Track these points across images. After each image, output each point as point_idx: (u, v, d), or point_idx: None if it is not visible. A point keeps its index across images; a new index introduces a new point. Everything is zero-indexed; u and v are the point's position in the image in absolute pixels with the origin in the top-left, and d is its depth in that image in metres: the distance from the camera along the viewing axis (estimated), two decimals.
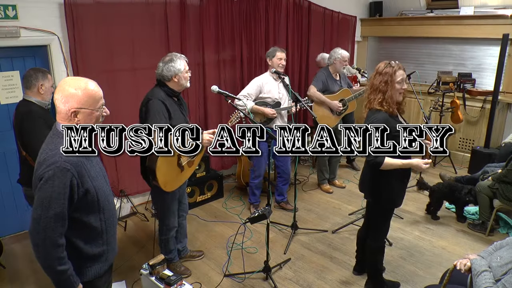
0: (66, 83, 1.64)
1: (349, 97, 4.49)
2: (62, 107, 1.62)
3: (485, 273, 1.90)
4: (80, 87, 1.62)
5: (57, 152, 1.58)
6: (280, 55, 3.84)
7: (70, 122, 1.64)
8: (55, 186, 1.53)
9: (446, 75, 5.59)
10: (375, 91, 2.50)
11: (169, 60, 2.70)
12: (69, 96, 1.61)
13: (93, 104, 1.67)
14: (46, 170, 1.54)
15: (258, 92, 3.83)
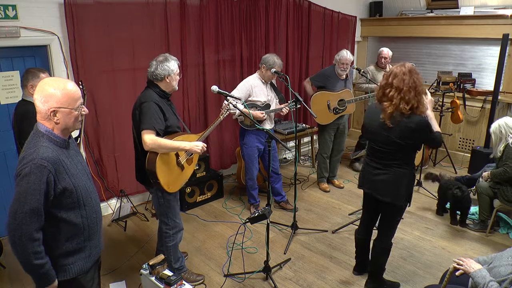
0: (45, 83, 1.67)
1: (349, 99, 4.49)
2: (42, 107, 1.66)
3: (492, 283, 1.89)
4: (59, 87, 1.66)
5: (35, 150, 1.61)
6: (278, 69, 3.76)
7: (49, 121, 1.67)
8: (30, 182, 1.56)
9: (446, 75, 5.59)
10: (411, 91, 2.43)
11: (163, 59, 2.69)
12: (48, 96, 1.64)
13: (72, 103, 1.68)
14: (24, 167, 1.58)
15: (247, 95, 3.81)
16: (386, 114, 2.48)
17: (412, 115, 2.44)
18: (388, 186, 2.63)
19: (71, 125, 1.71)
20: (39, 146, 1.62)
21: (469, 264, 2.02)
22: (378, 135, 2.58)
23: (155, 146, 2.55)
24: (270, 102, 3.94)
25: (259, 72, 3.90)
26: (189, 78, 4.39)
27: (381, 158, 2.63)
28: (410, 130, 2.43)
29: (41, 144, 1.63)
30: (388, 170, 2.61)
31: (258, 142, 3.95)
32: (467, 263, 2.03)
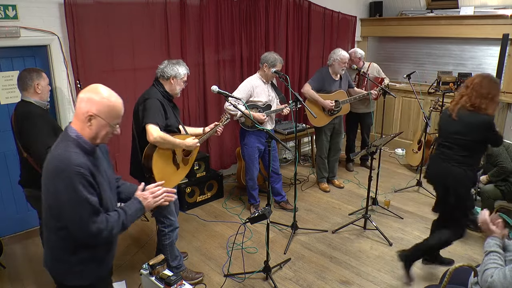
0: (98, 87, 1.67)
1: (343, 100, 4.49)
2: (83, 106, 1.62)
3: (492, 254, 1.91)
4: (108, 97, 1.65)
5: (68, 156, 1.56)
6: (279, 67, 3.78)
7: (82, 124, 1.63)
8: (78, 189, 1.54)
9: (446, 75, 5.59)
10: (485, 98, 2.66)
11: (176, 62, 2.82)
12: (94, 100, 1.62)
13: (111, 118, 1.66)
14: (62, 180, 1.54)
15: (248, 96, 3.81)
16: (454, 107, 2.74)
17: (477, 113, 2.65)
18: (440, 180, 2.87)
19: (100, 137, 1.68)
20: (71, 152, 1.58)
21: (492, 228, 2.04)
22: (443, 129, 2.87)
23: (160, 140, 2.62)
24: (271, 102, 3.94)
25: (260, 72, 3.90)
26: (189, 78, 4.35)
27: (443, 153, 2.84)
28: (473, 126, 2.64)
29: (71, 150, 1.58)
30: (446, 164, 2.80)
31: (258, 143, 3.95)
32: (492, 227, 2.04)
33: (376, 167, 4.30)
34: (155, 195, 1.85)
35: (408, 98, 6.02)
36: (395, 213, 4.11)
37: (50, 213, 1.65)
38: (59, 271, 1.74)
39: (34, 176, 2.64)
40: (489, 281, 1.82)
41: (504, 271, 1.80)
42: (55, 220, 1.64)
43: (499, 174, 3.60)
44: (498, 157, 3.59)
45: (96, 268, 1.76)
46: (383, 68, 5.44)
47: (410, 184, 4.86)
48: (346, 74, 4.63)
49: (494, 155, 3.62)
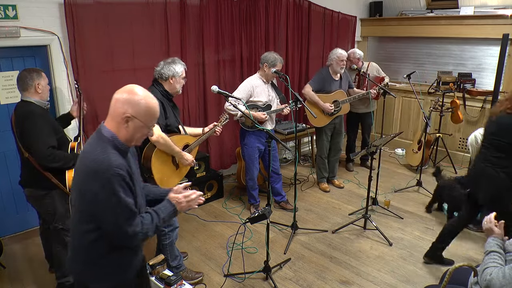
0: (134, 88, 1.64)
1: (342, 100, 4.50)
2: (119, 107, 1.60)
3: (493, 253, 1.92)
4: (147, 99, 1.62)
5: (106, 157, 1.54)
6: (279, 66, 3.78)
7: (118, 126, 1.61)
8: (117, 191, 1.53)
9: (446, 75, 5.59)
10: None
11: (171, 61, 2.82)
12: (132, 101, 1.59)
13: (148, 119, 1.64)
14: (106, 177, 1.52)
15: (248, 96, 3.81)
16: (497, 109, 2.77)
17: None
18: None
19: (135, 138, 1.66)
20: (109, 153, 1.56)
21: (494, 229, 2.06)
22: (485, 130, 2.90)
23: (161, 141, 2.65)
24: (271, 102, 3.94)
25: (260, 72, 3.89)
26: (189, 78, 4.36)
27: (481, 153, 2.90)
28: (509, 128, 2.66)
29: (109, 151, 1.56)
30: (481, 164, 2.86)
31: (258, 143, 3.95)
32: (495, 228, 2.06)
33: (376, 167, 4.30)
34: (189, 199, 1.81)
35: (408, 98, 6.02)
36: (395, 213, 4.12)
37: (80, 216, 1.64)
38: (84, 274, 1.72)
39: (35, 176, 2.64)
40: (487, 279, 1.83)
41: (503, 270, 1.81)
42: (85, 223, 1.62)
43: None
44: None
45: (123, 271, 1.74)
46: (383, 68, 5.44)
47: (410, 184, 4.86)
48: (346, 75, 4.64)
49: None
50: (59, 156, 2.60)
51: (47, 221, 2.84)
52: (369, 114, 5.14)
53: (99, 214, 1.57)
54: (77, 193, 1.61)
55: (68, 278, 2.85)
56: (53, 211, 2.72)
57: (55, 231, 2.77)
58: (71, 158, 2.70)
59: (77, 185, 1.60)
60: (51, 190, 2.68)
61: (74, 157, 2.74)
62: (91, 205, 1.56)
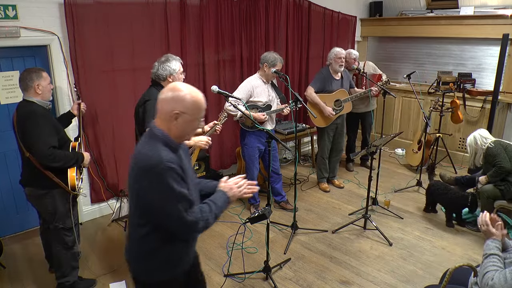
0: (176, 85, 1.68)
1: (344, 98, 4.50)
2: (167, 106, 1.63)
3: (492, 256, 1.92)
4: (191, 93, 1.66)
5: (157, 153, 1.59)
6: (279, 66, 3.78)
7: (168, 124, 1.65)
8: (171, 184, 1.57)
9: (446, 75, 5.59)
10: None
11: (165, 60, 2.76)
12: (179, 98, 1.63)
13: (196, 112, 1.69)
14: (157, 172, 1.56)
15: (248, 96, 3.80)
16: None
17: None
18: None
19: (187, 133, 1.71)
20: (158, 149, 1.60)
21: (492, 231, 2.05)
22: None
23: None
24: (271, 102, 3.94)
25: (260, 72, 3.89)
26: (189, 78, 4.38)
27: None
28: None
29: (160, 148, 1.60)
30: None
31: (258, 143, 3.95)
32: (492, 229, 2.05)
33: (376, 167, 4.30)
34: (239, 185, 1.88)
35: (408, 98, 6.02)
36: (395, 213, 4.12)
37: (135, 210, 1.70)
38: (134, 266, 1.78)
39: (35, 175, 2.65)
40: (490, 284, 1.82)
41: (504, 274, 1.81)
42: (137, 217, 1.69)
43: (497, 174, 3.61)
44: (496, 157, 3.59)
45: (172, 266, 1.78)
46: (383, 68, 5.45)
47: (410, 184, 4.86)
48: (347, 74, 4.64)
49: (493, 155, 3.62)
50: (60, 156, 2.60)
51: (47, 220, 2.83)
52: (369, 113, 5.14)
53: (157, 209, 1.61)
54: (131, 190, 1.66)
55: (68, 278, 2.85)
56: (53, 211, 2.72)
57: (55, 230, 2.76)
58: (72, 157, 2.70)
59: (131, 183, 1.65)
60: (51, 190, 2.68)
61: (75, 156, 2.74)
62: (147, 201, 1.61)
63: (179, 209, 1.59)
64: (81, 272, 3.07)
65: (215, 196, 1.81)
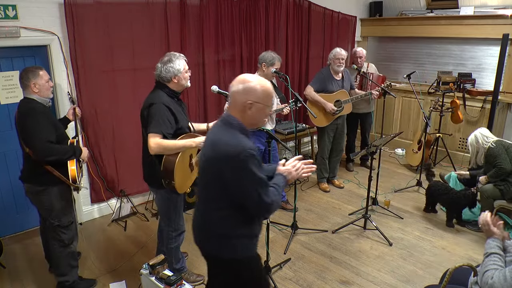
0: (245, 77, 1.81)
1: (345, 100, 4.50)
2: (240, 98, 1.77)
3: (493, 255, 1.92)
4: (260, 83, 1.79)
5: (239, 142, 1.72)
6: (278, 65, 3.76)
7: (242, 113, 1.78)
8: (253, 170, 1.71)
9: (446, 75, 5.59)
10: None
11: (167, 60, 2.60)
12: (250, 89, 1.76)
13: (267, 100, 1.81)
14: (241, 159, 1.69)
15: None
16: None
17: None
18: None
19: (259, 121, 1.84)
20: (239, 137, 1.74)
21: (493, 230, 2.05)
22: None
23: (161, 150, 2.48)
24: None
25: (259, 72, 3.89)
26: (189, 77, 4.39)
27: None
28: None
29: (239, 136, 1.75)
30: None
31: (259, 143, 3.94)
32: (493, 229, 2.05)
33: (376, 167, 4.30)
34: (296, 167, 1.97)
35: (408, 98, 6.02)
36: (395, 213, 4.12)
37: (211, 196, 1.83)
38: (214, 246, 1.88)
39: (34, 171, 2.68)
40: (489, 283, 1.82)
41: (504, 273, 1.81)
42: (215, 201, 1.81)
43: (497, 175, 3.60)
44: (497, 158, 3.59)
45: (250, 244, 1.92)
46: (383, 68, 5.45)
47: (410, 184, 4.86)
48: (348, 75, 4.64)
49: (493, 156, 3.62)
50: (57, 149, 2.64)
51: (44, 217, 2.86)
52: (369, 114, 5.15)
53: (240, 193, 1.75)
54: (209, 177, 1.80)
55: (67, 278, 2.86)
56: (50, 208, 2.74)
57: (52, 227, 2.79)
58: (68, 150, 2.73)
59: (208, 170, 1.80)
60: (48, 186, 2.70)
61: (72, 148, 2.77)
62: (230, 185, 1.74)
63: (259, 193, 1.73)
64: (81, 272, 3.07)
65: (276, 179, 1.91)
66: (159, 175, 2.58)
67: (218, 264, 1.96)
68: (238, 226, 1.85)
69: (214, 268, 2.03)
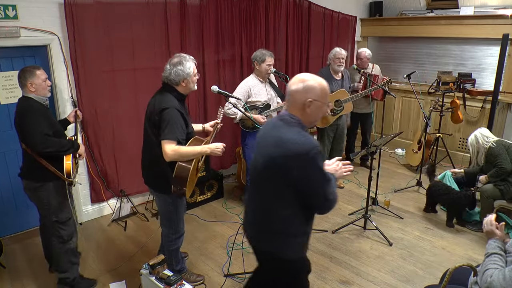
0: (303, 76, 1.85)
1: (345, 99, 4.49)
2: (299, 97, 1.81)
3: (494, 255, 1.93)
4: (318, 82, 1.84)
5: (306, 138, 1.76)
6: (269, 60, 3.77)
7: (302, 111, 1.83)
8: (321, 166, 1.77)
9: (446, 75, 5.59)
10: None
11: (177, 62, 2.50)
12: (310, 88, 1.81)
13: (325, 98, 1.86)
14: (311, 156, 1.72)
15: (246, 97, 3.80)
16: None
17: None
18: None
19: (316, 118, 1.89)
20: (305, 135, 1.79)
21: (495, 232, 2.06)
22: None
23: (177, 157, 2.43)
24: (270, 101, 3.94)
25: (254, 72, 3.90)
26: None
27: None
28: None
29: (305, 134, 1.79)
30: None
31: None
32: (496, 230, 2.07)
33: (376, 167, 4.30)
34: (338, 168, 2.03)
35: (408, 98, 6.02)
36: (395, 213, 4.12)
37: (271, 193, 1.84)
38: (277, 246, 1.88)
39: (31, 167, 2.71)
40: (488, 281, 1.83)
41: (503, 272, 1.81)
42: (283, 198, 1.82)
43: (497, 175, 3.61)
44: (497, 158, 3.59)
45: (306, 241, 1.96)
46: (383, 68, 5.45)
47: (410, 184, 4.86)
48: (347, 74, 4.64)
49: (494, 155, 3.62)
50: (54, 142, 2.67)
51: (43, 215, 2.89)
52: (369, 114, 5.15)
53: (306, 191, 1.77)
54: (272, 176, 1.81)
55: (67, 274, 2.88)
56: (47, 204, 2.77)
57: (51, 224, 2.82)
58: (66, 144, 2.76)
59: (272, 168, 1.79)
60: (45, 182, 2.73)
61: (70, 143, 2.80)
62: (296, 184, 1.76)
63: (325, 189, 1.78)
64: (82, 272, 3.07)
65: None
66: (170, 182, 2.53)
67: (275, 262, 1.95)
68: (301, 225, 1.89)
69: (268, 265, 2.02)
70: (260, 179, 1.90)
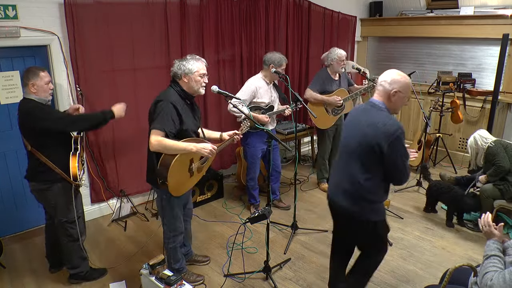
0: (392, 71, 2.23)
1: (345, 97, 4.49)
2: (387, 87, 2.19)
3: (493, 257, 1.93)
4: (403, 75, 2.20)
5: (395, 122, 2.14)
6: (285, 65, 3.79)
7: (388, 100, 2.21)
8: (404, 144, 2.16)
9: (446, 75, 5.59)
10: None
11: (185, 58, 2.70)
12: (396, 80, 2.18)
13: (407, 91, 2.22)
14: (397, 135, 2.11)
15: (252, 97, 3.81)
16: None
17: None
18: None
19: (399, 107, 2.27)
20: (392, 117, 2.17)
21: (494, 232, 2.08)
22: None
23: (160, 148, 2.46)
24: (273, 103, 3.94)
25: (264, 73, 3.88)
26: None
27: None
28: None
29: (391, 117, 2.18)
30: None
31: (261, 143, 3.95)
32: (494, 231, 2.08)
33: None
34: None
35: None
36: (395, 213, 4.12)
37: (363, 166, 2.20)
38: (364, 210, 2.28)
39: (37, 169, 2.71)
40: (488, 284, 1.83)
41: (503, 274, 1.81)
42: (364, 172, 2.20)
43: (496, 173, 3.62)
44: (495, 156, 3.60)
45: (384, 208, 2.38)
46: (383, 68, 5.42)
47: (410, 184, 4.86)
48: (344, 73, 4.63)
49: (492, 154, 3.63)
50: (80, 117, 2.76)
51: (51, 215, 2.91)
52: None
53: (392, 165, 2.15)
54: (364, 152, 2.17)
55: (80, 269, 2.95)
56: (55, 204, 2.79)
57: (60, 224, 2.85)
58: (96, 117, 2.84)
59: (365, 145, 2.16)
60: (52, 184, 2.74)
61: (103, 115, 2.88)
62: (384, 159, 2.13)
63: (404, 164, 2.16)
64: None
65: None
66: (156, 173, 2.59)
67: (362, 224, 2.32)
68: (382, 194, 2.30)
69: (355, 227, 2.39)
70: (351, 155, 2.25)
